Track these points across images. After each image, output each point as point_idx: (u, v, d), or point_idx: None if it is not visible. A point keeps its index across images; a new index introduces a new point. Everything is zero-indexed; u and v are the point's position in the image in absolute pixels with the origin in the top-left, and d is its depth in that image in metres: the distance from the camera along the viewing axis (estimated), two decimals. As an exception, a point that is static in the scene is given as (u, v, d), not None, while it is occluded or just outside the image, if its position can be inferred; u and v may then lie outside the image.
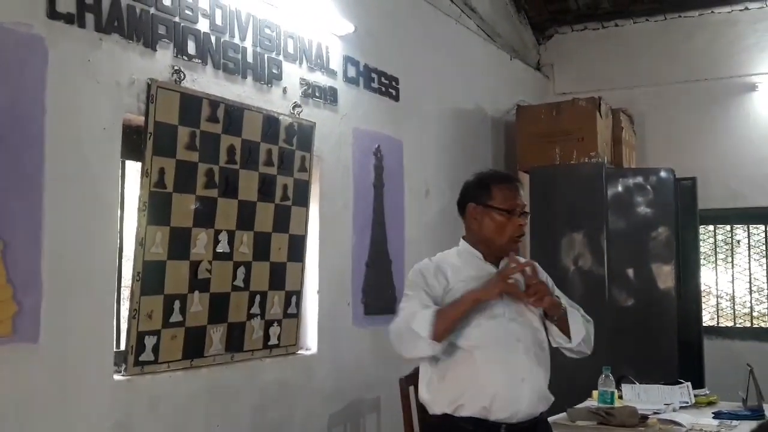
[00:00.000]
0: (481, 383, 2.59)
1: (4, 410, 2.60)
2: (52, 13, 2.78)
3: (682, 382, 4.04)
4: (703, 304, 6.26)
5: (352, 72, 4.40)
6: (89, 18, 2.91)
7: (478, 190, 2.76)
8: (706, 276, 6.54)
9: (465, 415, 2.60)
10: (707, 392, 4.09)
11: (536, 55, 7.18)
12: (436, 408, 2.68)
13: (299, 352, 3.98)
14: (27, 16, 2.70)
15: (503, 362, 2.62)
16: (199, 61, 3.40)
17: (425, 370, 2.76)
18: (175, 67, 3.26)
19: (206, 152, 3.36)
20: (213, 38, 3.47)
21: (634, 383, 4.06)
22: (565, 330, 2.76)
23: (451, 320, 2.55)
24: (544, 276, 2.89)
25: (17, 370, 2.64)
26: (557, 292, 2.86)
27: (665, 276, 5.61)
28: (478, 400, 2.58)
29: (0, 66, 2.61)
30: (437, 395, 2.68)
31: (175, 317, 3.25)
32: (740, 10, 6.48)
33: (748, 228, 6.56)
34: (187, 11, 3.34)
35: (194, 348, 3.35)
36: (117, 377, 3.04)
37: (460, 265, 2.75)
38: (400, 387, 3.72)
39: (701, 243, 6.40)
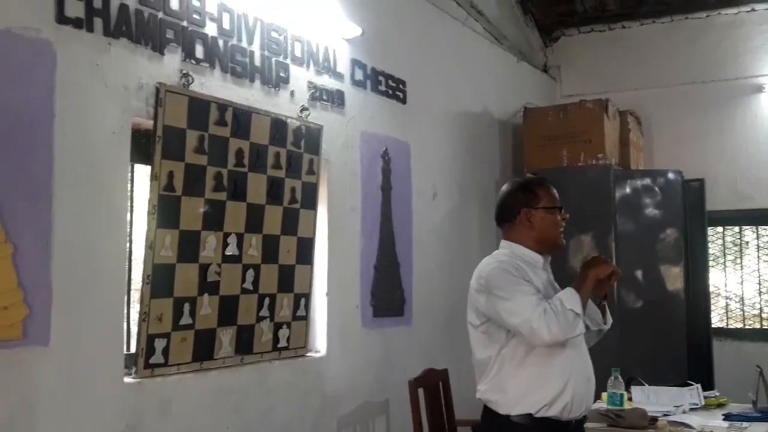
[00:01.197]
0: (565, 385, 2.69)
1: (16, 412, 2.61)
2: (61, 18, 2.79)
3: (691, 384, 4.03)
4: (712, 306, 6.25)
5: (359, 75, 4.41)
6: (98, 22, 2.93)
7: (526, 196, 2.88)
8: (715, 277, 6.53)
9: (549, 415, 2.68)
10: (717, 394, 4.08)
11: (543, 57, 7.19)
12: (515, 408, 2.71)
13: (308, 354, 3.99)
14: (36, 21, 2.72)
15: (579, 363, 2.76)
16: (207, 64, 3.41)
17: (488, 368, 2.78)
18: (184, 71, 3.27)
19: (215, 156, 3.37)
20: (221, 42, 3.48)
21: (644, 385, 4.05)
22: (604, 313, 2.95)
23: (587, 300, 2.71)
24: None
25: (28, 372, 2.65)
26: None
27: (674, 278, 5.61)
28: (562, 400, 2.68)
29: (9, 70, 2.62)
30: (516, 395, 2.71)
31: (185, 320, 3.25)
32: (747, 12, 6.48)
33: (757, 229, 6.55)
34: (195, 15, 3.35)
35: (204, 350, 3.35)
36: (127, 380, 3.04)
37: (528, 271, 2.79)
38: (410, 389, 3.73)
39: (710, 244, 6.38)
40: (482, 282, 2.77)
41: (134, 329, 3.16)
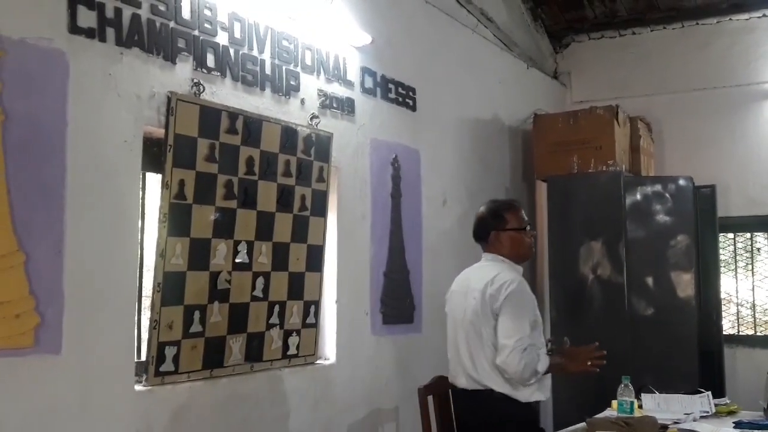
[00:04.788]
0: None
1: (28, 421, 2.62)
2: (74, 28, 2.82)
3: (702, 392, 4.00)
4: (723, 313, 6.22)
5: (369, 83, 4.42)
6: (110, 32, 2.95)
7: (495, 221, 3.58)
8: (727, 284, 6.49)
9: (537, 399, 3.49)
10: (728, 401, 4.05)
11: (553, 63, 7.18)
12: (528, 397, 3.43)
13: (318, 361, 4.00)
14: (48, 31, 2.74)
15: None
16: (218, 73, 3.43)
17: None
18: (195, 80, 3.29)
19: (225, 164, 3.39)
20: (232, 51, 3.50)
21: (654, 393, 4.03)
22: None
23: (548, 372, 3.45)
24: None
25: (40, 381, 2.66)
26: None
27: (685, 284, 5.59)
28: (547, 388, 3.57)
29: (22, 80, 2.65)
30: (531, 388, 3.43)
31: (195, 327, 3.27)
32: (758, 17, 6.46)
33: (769, 235, 6.51)
34: (206, 24, 3.37)
35: (214, 358, 3.37)
36: (138, 388, 3.06)
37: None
38: (419, 396, 3.73)
39: (721, 251, 6.35)
40: (510, 288, 3.35)
41: (145, 337, 3.18)
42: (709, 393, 3.98)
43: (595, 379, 3.56)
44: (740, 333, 6.53)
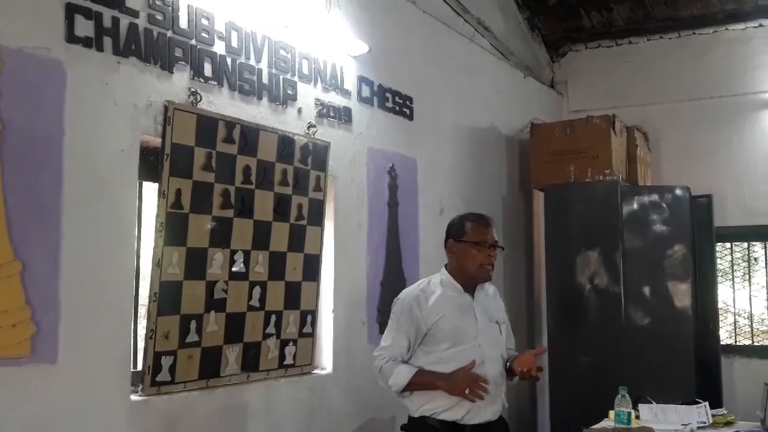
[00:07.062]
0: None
1: (24, 430, 2.61)
2: (71, 37, 2.82)
3: (699, 402, 4.00)
4: (720, 322, 6.21)
5: (366, 92, 4.43)
6: (107, 41, 2.95)
7: (455, 229, 3.35)
8: (724, 294, 6.49)
9: (444, 418, 3.20)
10: (725, 412, 4.05)
11: (550, 72, 7.20)
12: (418, 411, 3.26)
13: (314, 371, 3.99)
14: (46, 41, 2.74)
15: None
16: (216, 83, 3.43)
17: None
18: (192, 89, 3.29)
19: (222, 173, 3.39)
20: (229, 60, 3.50)
21: (651, 403, 4.03)
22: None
23: (420, 387, 3.21)
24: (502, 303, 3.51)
25: (36, 390, 2.66)
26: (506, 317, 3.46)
27: (682, 294, 5.59)
28: (459, 409, 3.18)
29: (20, 89, 2.64)
30: (420, 401, 3.26)
31: (192, 337, 3.26)
32: (754, 27, 6.48)
33: (766, 245, 6.51)
34: (203, 34, 3.37)
35: (210, 368, 3.36)
36: (134, 397, 3.05)
37: (442, 297, 3.28)
38: (416, 407, 3.71)
39: (718, 260, 6.36)
40: (394, 303, 3.36)
41: (141, 346, 3.17)
42: (707, 403, 3.98)
43: (592, 390, 3.54)
44: (737, 343, 6.53)
